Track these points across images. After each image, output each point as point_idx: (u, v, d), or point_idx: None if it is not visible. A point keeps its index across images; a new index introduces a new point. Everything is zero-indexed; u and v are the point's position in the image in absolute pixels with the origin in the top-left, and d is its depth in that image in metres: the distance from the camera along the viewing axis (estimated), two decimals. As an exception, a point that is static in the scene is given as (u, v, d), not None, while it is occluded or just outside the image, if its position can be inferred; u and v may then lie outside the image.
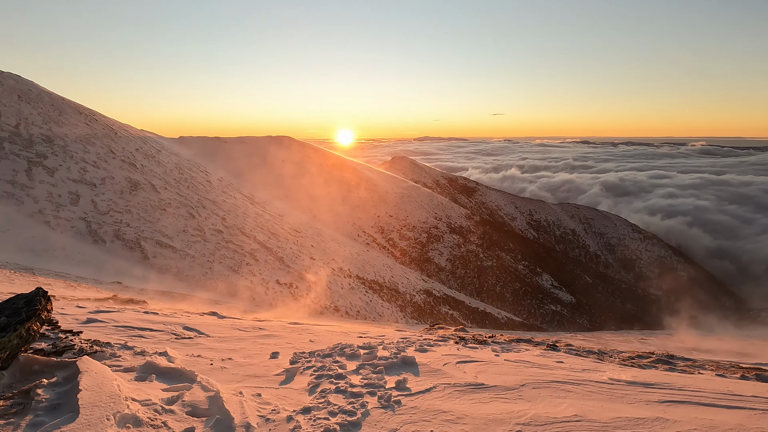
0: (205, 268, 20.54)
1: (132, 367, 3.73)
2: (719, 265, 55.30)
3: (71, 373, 3.13)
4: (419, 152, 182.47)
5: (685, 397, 4.15)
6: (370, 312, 23.87)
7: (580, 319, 36.87)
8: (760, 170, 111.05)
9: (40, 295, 3.54)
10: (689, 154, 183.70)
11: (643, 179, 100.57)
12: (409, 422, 3.20)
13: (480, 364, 4.95)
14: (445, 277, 37.01)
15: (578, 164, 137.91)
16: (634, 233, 54.41)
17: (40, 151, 22.36)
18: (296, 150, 48.41)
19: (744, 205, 75.32)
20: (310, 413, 3.27)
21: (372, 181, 46.90)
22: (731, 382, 5.44)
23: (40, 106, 26.06)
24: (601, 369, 5.41)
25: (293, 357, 4.80)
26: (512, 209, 55.21)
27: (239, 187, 33.46)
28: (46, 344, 3.73)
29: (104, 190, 22.16)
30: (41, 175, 21.00)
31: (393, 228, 40.27)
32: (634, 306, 41.36)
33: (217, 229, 24.14)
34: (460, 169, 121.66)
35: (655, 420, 3.40)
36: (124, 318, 6.03)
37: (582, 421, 3.31)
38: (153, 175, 26.33)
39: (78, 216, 19.79)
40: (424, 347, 5.67)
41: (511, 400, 3.75)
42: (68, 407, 2.72)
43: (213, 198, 28.01)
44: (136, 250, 19.53)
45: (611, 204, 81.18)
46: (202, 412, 3.06)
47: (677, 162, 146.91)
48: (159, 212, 22.90)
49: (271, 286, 21.63)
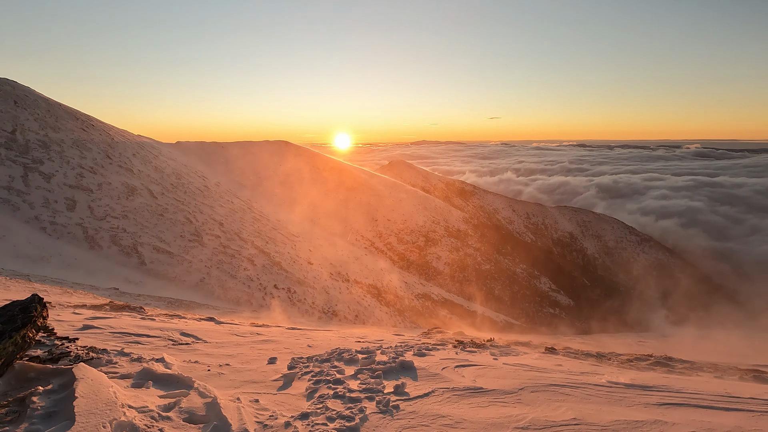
0: (202, 273, 20.45)
1: (129, 374, 3.71)
2: (714, 266, 55.61)
3: (67, 380, 3.10)
4: (417, 156, 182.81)
5: (683, 399, 4.15)
6: (369, 316, 23.81)
7: (578, 322, 36.87)
8: (752, 172, 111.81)
9: (36, 302, 3.52)
10: (684, 157, 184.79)
11: (637, 181, 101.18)
12: (407, 427, 3.19)
13: (478, 368, 4.95)
14: (443, 280, 36.99)
15: (574, 167, 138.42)
16: (630, 236, 54.58)
17: (36, 157, 22.28)
18: (294, 154, 48.43)
19: (735, 206, 75.89)
20: (309, 419, 3.26)
21: (370, 185, 46.93)
22: (729, 384, 5.45)
23: (37, 112, 26.00)
24: (600, 372, 5.42)
25: (291, 362, 4.79)
26: (510, 212, 55.31)
27: (237, 192, 33.42)
28: (41, 351, 3.71)
29: (101, 196, 22.08)
30: (37, 180, 20.92)
31: (391, 232, 40.26)
32: (632, 308, 41.42)
33: (214, 234, 24.08)
34: (457, 172, 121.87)
35: (654, 423, 3.40)
36: (121, 324, 6.00)
37: (581, 424, 3.31)
38: (150, 180, 26.28)
39: (74, 222, 19.70)
40: (423, 351, 5.66)
41: (510, 404, 3.75)
42: (64, 415, 2.70)
43: (210, 203, 27.96)
44: (133, 256, 19.45)
45: (605, 206, 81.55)
46: (200, 419, 3.04)
47: (671, 164, 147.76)
48: (156, 218, 22.82)
49: (269, 291, 21.56)
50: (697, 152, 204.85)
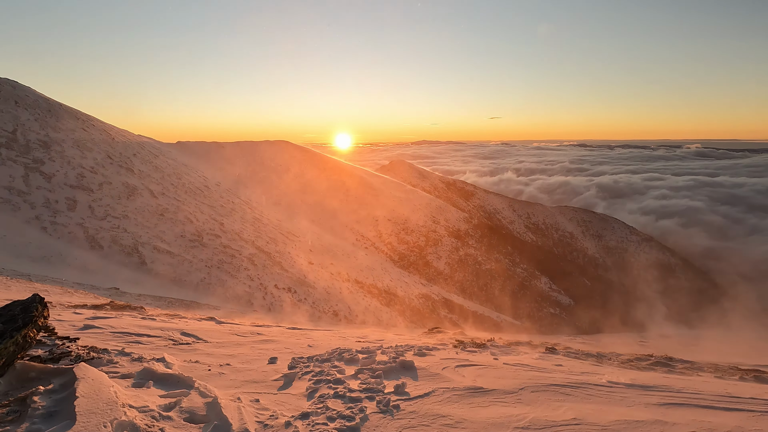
0: (203, 273, 20.47)
1: (129, 374, 3.71)
2: (715, 265, 55.56)
3: (68, 380, 3.11)
4: (417, 156, 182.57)
5: (684, 399, 4.15)
6: (369, 316, 23.81)
7: (578, 321, 36.85)
8: (753, 172, 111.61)
9: (37, 302, 3.52)
10: (684, 157, 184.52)
11: (637, 181, 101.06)
12: (408, 427, 3.19)
13: (479, 368, 4.95)
14: (444, 280, 36.98)
15: (574, 167, 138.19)
16: (631, 235, 54.54)
17: (37, 157, 22.31)
18: (294, 154, 48.44)
19: (736, 206, 75.82)
20: (309, 419, 3.26)
21: (370, 185, 46.93)
22: (730, 384, 5.45)
23: (37, 112, 26.03)
24: (600, 372, 5.42)
25: (292, 362, 4.79)
26: (510, 212, 55.29)
27: (237, 192, 33.43)
28: (42, 351, 3.71)
29: (101, 196, 22.10)
30: (38, 180, 20.94)
31: (391, 232, 40.26)
32: (633, 308, 41.39)
33: (215, 233, 24.09)
34: (457, 172, 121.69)
35: (654, 423, 3.40)
36: (122, 324, 6.01)
37: (581, 424, 3.31)
38: (151, 180, 26.30)
39: (75, 222, 19.72)
40: (423, 351, 5.66)
41: (510, 404, 3.75)
42: (65, 414, 2.70)
43: (211, 203, 27.97)
44: (133, 256, 19.46)
45: (606, 206, 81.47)
46: (200, 419, 3.04)
47: (672, 164, 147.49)
48: (157, 217, 22.84)
49: (269, 290, 21.57)
50: (698, 152, 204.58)
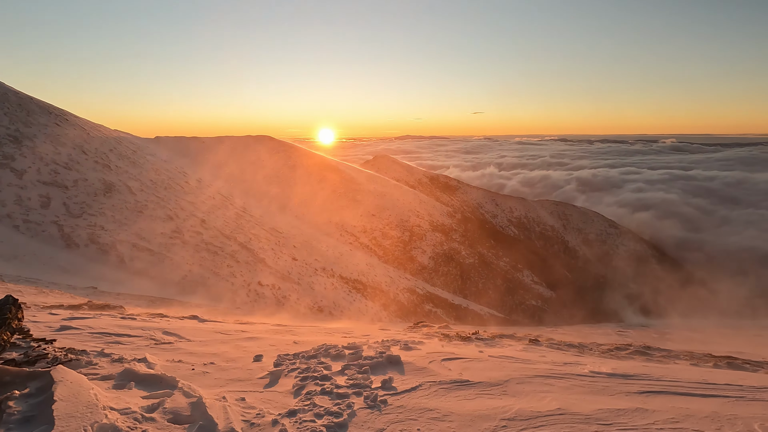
0: (184, 270, 20.10)
1: (110, 375, 3.62)
2: (689, 256, 57.42)
3: (45, 383, 3.01)
4: (401, 151, 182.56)
5: (662, 387, 4.28)
6: (354, 311, 23.81)
7: (560, 313, 37.64)
8: (724, 166, 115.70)
9: (10, 303, 3.39)
10: (660, 151, 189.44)
11: (615, 175, 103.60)
12: (395, 421, 3.20)
13: (464, 361, 5.00)
14: (428, 275, 37.21)
15: (555, 161, 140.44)
16: (610, 228, 55.84)
17: (7, 153, 21.47)
18: (277, 149, 47.84)
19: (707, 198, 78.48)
20: (296, 416, 3.23)
21: (354, 180, 46.75)
22: (705, 371, 5.65)
23: (7, 106, 25.01)
24: (582, 362, 5.54)
25: (277, 359, 4.74)
26: (493, 207, 55.89)
27: (219, 188, 32.86)
28: (17, 354, 3.58)
29: (77, 193, 21.43)
30: (9, 177, 20.17)
31: (375, 227, 40.25)
32: (612, 299, 42.49)
33: (196, 230, 23.66)
34: (441, 167, 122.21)
35: (635, 410, 3.49)
36: (100, 324, 5.85)
37: (565, 414, 3.37)
38: (128, 176, 25.61)
39: (49, 220, 19.09)
40: (409, 346, 5.68)
41: (496, 396, 3.80)
42: (43, 419, 2.62)
43: (191, 199, 27.43)
44: (111, 254, 18.97)
45: (585, 199, 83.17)
46: (185, 419, 2.99)
47: (648, 158, 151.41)
48: (135, 215, 22.29)
49: (253, 287, 21.34)
50: (673, 146, 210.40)
